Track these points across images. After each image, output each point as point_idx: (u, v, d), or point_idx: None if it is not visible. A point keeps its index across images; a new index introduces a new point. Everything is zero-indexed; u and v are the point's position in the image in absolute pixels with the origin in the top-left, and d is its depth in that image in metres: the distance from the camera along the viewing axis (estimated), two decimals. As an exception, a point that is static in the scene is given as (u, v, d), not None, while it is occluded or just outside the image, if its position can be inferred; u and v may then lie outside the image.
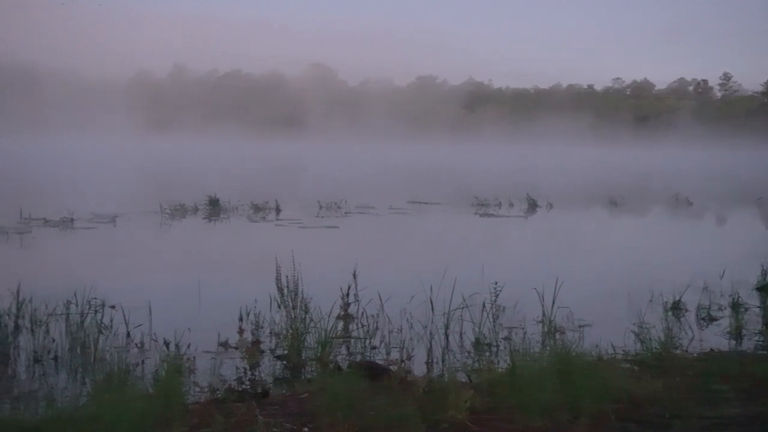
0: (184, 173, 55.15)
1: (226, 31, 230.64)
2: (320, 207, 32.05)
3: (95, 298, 12.42)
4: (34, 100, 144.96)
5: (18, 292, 12.15)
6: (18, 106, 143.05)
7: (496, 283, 12.99)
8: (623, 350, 11.19)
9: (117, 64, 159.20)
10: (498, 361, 11.04)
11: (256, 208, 31.13)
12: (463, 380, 9.39)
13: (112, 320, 11.95)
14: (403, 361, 10.80)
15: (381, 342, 12.02)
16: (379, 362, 10.53)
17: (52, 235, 23.69)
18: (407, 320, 12.70)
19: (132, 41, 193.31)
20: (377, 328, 12.50)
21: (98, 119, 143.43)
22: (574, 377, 8.27)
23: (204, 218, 29.40)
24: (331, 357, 10.95)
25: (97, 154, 79.54)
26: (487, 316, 12.60)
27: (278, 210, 30.97)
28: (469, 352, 11.73)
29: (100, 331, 11.35)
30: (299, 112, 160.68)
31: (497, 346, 11.91)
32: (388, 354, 11.44)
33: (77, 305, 12.05)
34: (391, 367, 10.00)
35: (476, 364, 10.87)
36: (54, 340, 11.46)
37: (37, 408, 8.62)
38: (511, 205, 35.62)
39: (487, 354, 11.59)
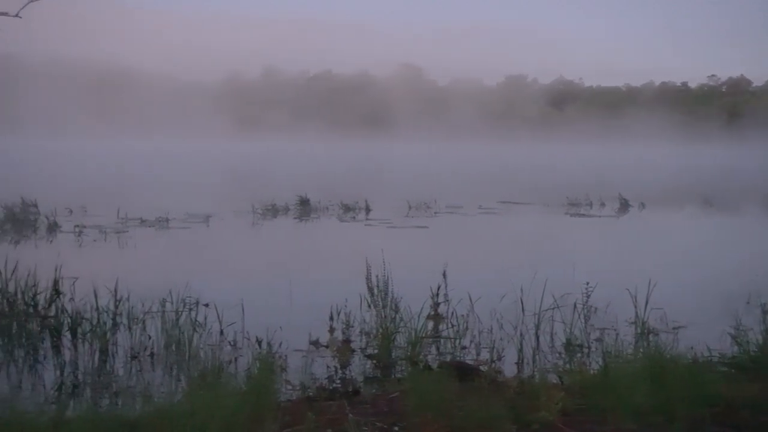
0: (275, 173, 55.77)
1: (317, 32, 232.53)
2: (409, 207, 32.09)
3: (190, 297, 12.66)
4: (132, 103, 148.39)
5: (116, 290, 12.48)
6: (116, 110, 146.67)
7: (588, 283, 12.83)
8: (719, 353, 10.94)
9: (210, 66, 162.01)
10: (590, 363, 10.91)
11: (346, 208, 31.33)
12: (554, 381, 9.32)
13: (206, 318, 12.17)
14: (493, 361, 10.77)
15: (471, 342, 12.00)
16: (469, 362, 10.51)
17: (148, 234, 24.22)
18: (497, 320, 12.64)
19: (225, 44, 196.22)
20: (467, 328, 12.45)
21: (192, 121, 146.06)
22: (668, 380, 8.13)
23: (295, 218, 29.72)
24: (421, 356, 10.98)
25: (190, 155, 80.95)
26: (579, 317, 12.47)
27: (368, 210, 31.12)
28: (560, 353, 11.64)
29: (194, 329, 11.56)
30: (388, 112, 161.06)
31: (589, 347, 11.78)
32: (478, 354, 11.42)
33: (172, 303, 12.31)
34: (481, 368, 9.98)
35: (567, 366, 10.77)
36: (150, 337, 11.74)
37: (135, 404, 8.82)
38: (603, 204, 35.15)
39: (579, 355, 11.48)
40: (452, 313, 12.91)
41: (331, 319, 12.70)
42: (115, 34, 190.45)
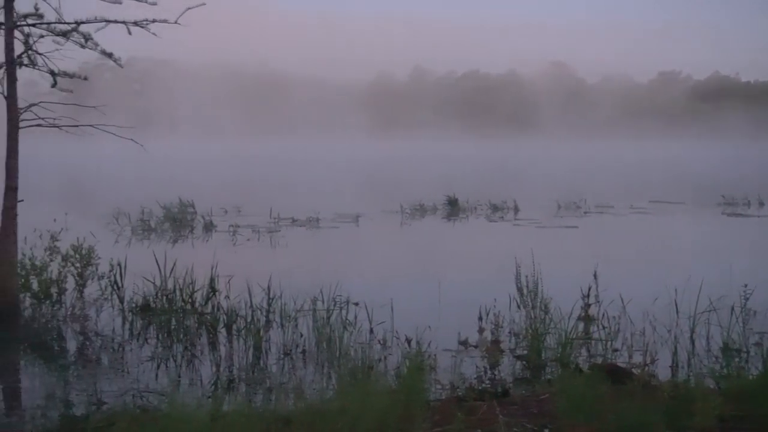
0: (423, 173, 55.97)
1: (466, 32, 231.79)
2: (559, 207, 31.68)
3: (340, 295, 12.85)
4: (283, 105, 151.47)
5: (269, 288, 12.80)
6: (268, 112, 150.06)
7: (746, 285, 12.37)
8: None
9: (359, 68, 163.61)
10: (749, 368, 10.51)
11: (495, 208, 31.17)
12: (711, 386, 9.02)
13: (356, 317, 12.32)
14: (646, 364, 10.52)
15: (623, 344, 11.74)
16: (621, 365, 10.28)
17: (299, 234, 24.70)
18: (650, 323, 12.32)
19: (373, 46, 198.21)
20: (619, 330, 12.21)
21: (341, 122, 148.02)
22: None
23: (443, 218, 29.77)
24: (571, 358, 10.81)
25: (340, 155, 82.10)
26: (737, 320, 12.03)
27: (516, 210, 30.88)
28: (716, 357, 11.23)
29: (345, 327, 11.72)
30: (536, 111, 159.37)
31: (747, 351, 11.35)
32: (630, 357, 11.16)
33: (323, 302, 12.53)
34: (633, 371, 9.76)
35: (725, 370, 10.39)
36: (302, 335, 11.97)
37: (288, 400, 8.99)
38: (761, 204, 33.83)
39: (737, 360, 11.05)
40: (603, 315, 12.66)
41: (480, 319, 12.67)
42: (267, 38, 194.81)
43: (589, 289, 13.16)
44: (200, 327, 12.61)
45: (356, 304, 12.93)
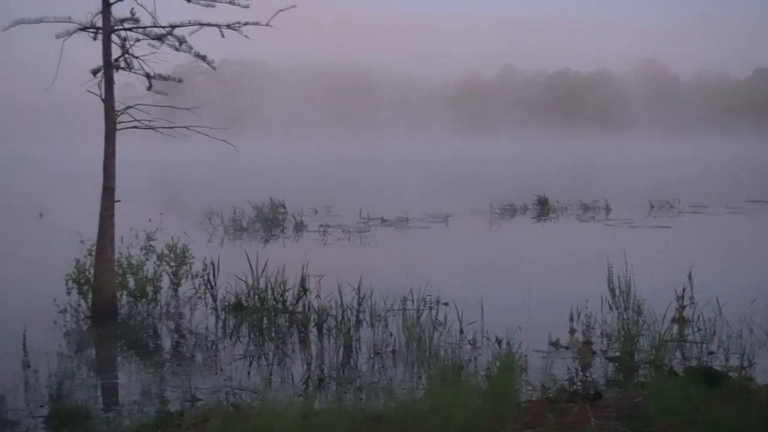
0: (513, 173, 55.65)
1: (556, 30, 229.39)
2: (651, 206, 31.13)
3: (430, 295, 12.86)
4: (372, 105, 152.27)
5: (359, 287, 12.87)
6: (357, 113, 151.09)
7: None
8: None
9: (449, 67, 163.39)
10: None
11: (585, 208, 30.80)
12: (812, 391, 8.77)
13: (446, 317, 12.30)
14: (743, 368, 10.27)
15: (719, 347, 11.47)
16: (718, 368, 10.06)
17: (388, 233, 24.78)
18: (747, 325, 12.02)
19: (464, 45, 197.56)
20: (715, 333, 11.94)
21: (430, 122, 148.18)
22: None
23: (533, 218, 29.54)
24: (665, 361, 10.61)
25: (428, 155, 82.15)
26: (840, 324, 11.67)
27: (608, 209, 30.45)
28: (819, 361, 10.91)
29: (434, 327, 11.71)
30: (628, 109, 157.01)
31: None
32: (726, 360, 10.90)
33: (413, 301, 12.55)
34: (730, 374, 9.55)
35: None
36: (392, 335, 12.01)
37: (378, 399, 9.03)
38: None
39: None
40: (698, 317, 12.42)
41: (572, 320, 12.54)
42: (358, 39, 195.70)
43: (684, 291, 12.92)
44: (291, 326, 12.76)
45: (446, 304, 12.91)
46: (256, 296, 13.69)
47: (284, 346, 12.10)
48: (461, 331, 12.16)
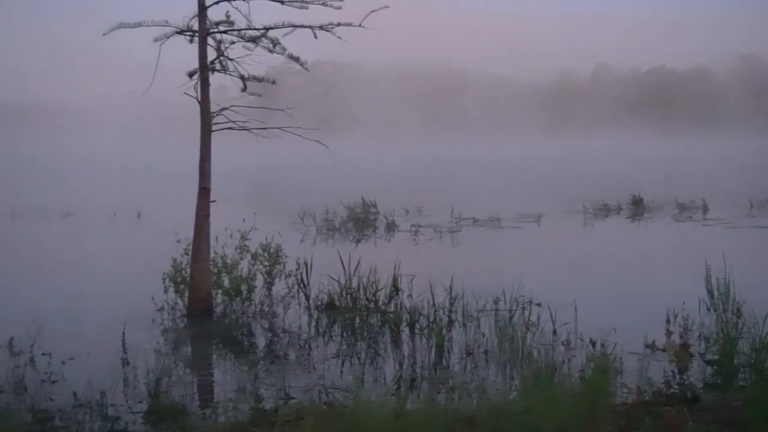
0: (605, 172, 54.85)
1: (652, 27, 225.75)
2: (751, 206, 30.30)
3: (522, 295, 12.75)
4: (464, 105, 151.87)
5: (451, 287, 12.84)
6: (448, 112, 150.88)
7: None
8: None
9: (541, 66, 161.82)
10: None
11: (682, 207, 30.17)
12: None
13: (539, 317, 12.20)
14: None
15: (823, 351, 11.11)
16: (822, 373, 9.75)
17: (480, 234, 24.68)
18: None
19: (556, 44, 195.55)
20: (818, 336, 11.57)
21: (521, 121, 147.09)
22: None
23: (627, 218, 29.08)
24: (766, 364, 10.32)
25: (520, 154, 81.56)
26: None
27: (705, 209, 29.79)
28: None
29: (527, 328, 11.62)
30: (726, 107, 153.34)
31: None
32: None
33: (505, 302, 12.47)
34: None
35: None
36: (484, 335, 11.95)
37: (471, 399, 8.99)
38: None
39: None
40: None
41: (668, 321, 12.30)
42: (450, 38, 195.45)
43: (786, 292, 12.57)
44: (383, 325, 12.80)
45: (539, 304, 12.79)
46: (349, 296, 13.78)
47: (376, 345, 12.14)
48: (554, 332, 12.04)
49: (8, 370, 10.66)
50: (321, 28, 13.69)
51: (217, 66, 13.86)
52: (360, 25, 13.68)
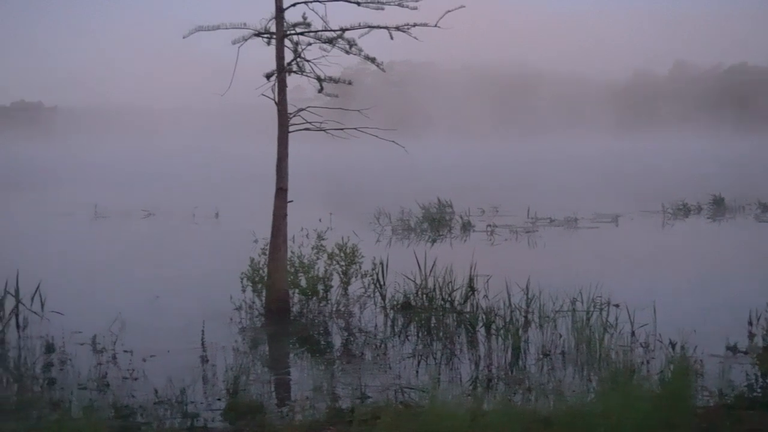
0: (683, 172, 53.98)
1: (733, 24, 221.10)
2: (839, 206, 29.52)
3: (600, 296, 12.63)
4: (539, 104, 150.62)
5: (527, 288, 12.77)
6: (524, 112, 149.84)
7: None
8: None
9: (615, 64, 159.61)
10: None
11: (765, 208, 29.50)
12: None
13: (617, 319, 12.07)
14: None
15: None
16: None
17: (556, 234, 24.47)
18: None
19: (633, 42, 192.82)
20: None
21: (597, 120, 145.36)
22: None
23: (708, 218, 28.56)
24: None
25: (595, 153, 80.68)
26: None
27: (789, 209, 29.13)
28: None
29: (605, 329, 11.50)
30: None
31: None
32: None
33: (582, 303, 12.36)
34: None
35: None
36: (561, 336, 11.86)
37: (547, 400, 8.93)
38: None
39: None
40: None
41: (750, 323, 12.06)
42: (526, 37, 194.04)
43: None
44: (459, 325, 12.78)
45: (617, 305, 12.66)
46: (424, 296, 13.80)
47: (452, 345, 12.13)
48: (633, 334, 11.90)
49: (92, 366, 10.90)
50: (397, 28, 13.71)
51: (294, 67, 13.98)
52: (436, 26, 13.66)
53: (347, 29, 13.66)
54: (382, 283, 14.77)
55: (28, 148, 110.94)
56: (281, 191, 13.81)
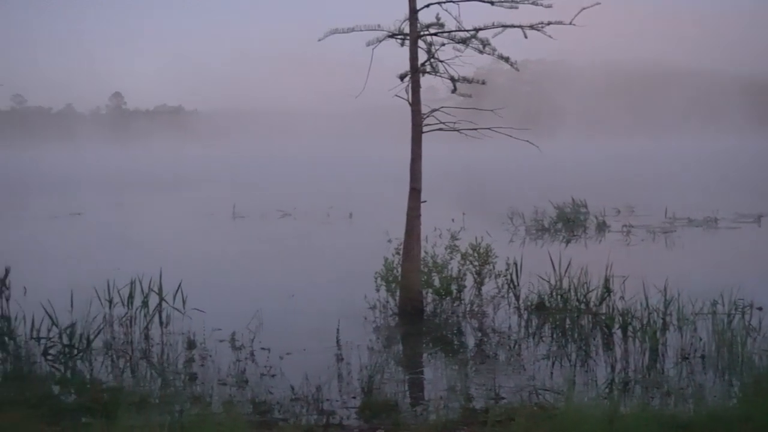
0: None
1: None
2: None
3: (742, 299, 12.24)
4: (674, 102, 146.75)
5: (665, 289, 12.47)
6: (658, 109, 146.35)
7: None
8: None
9: (755, 60, 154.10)
10: None
11: None
12: None
13: (760, 322, 11.70)
14: None
15: None
16: None
17: (695, 234, 23.84)
18: None
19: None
20: None
21: (733, 117, 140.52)
22: None
23: None
24: None
25: (735, 151, 78.18)
26: None
27: None
28: None
29: (747, 333, 11.15)
30: None
31: None
32: None
33: (723, 305, 12.01)
34: None
35: None
36: (701, 339, 11.55)
37: (687, 405, 8.72)
38: None
39: None
40: None
41: None
42: (659, 33, 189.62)
43: None
44: (595, 327, 12.59)
45: (760, 308, 12.27)
46: (559, 296, 13.65)
47: (587, 347, 11.95)
48: (778, 337, 11.49)
49: (231, 363, 11.20)
50: (531, 27, 13.59)
51: (428, 68, 14.02)
52: (571, 23, 13.49)
53: (481, 29, 13.62)
54: (515, 283, 14.70)
55: (171, 150, 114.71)
56: (415, 191, 13.89)
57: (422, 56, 13.99)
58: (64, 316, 12.29)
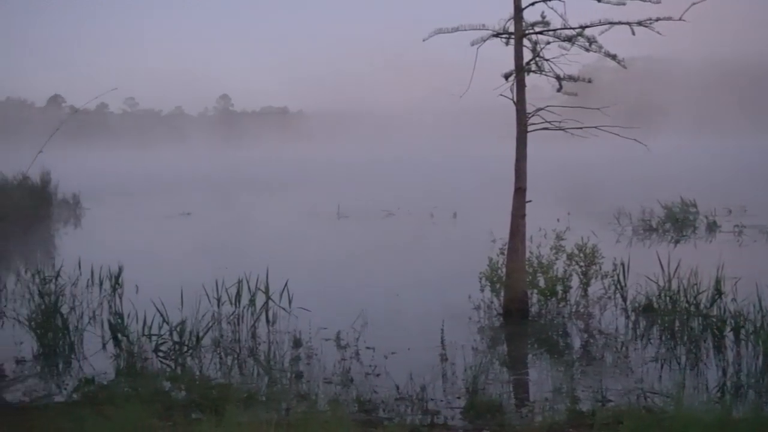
0: None
1: None
2: None
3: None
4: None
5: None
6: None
7: None
8: None
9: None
10: None
11: None
12: None
13: None
14: None
15: None
16: None
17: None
18: None
19: None
20: None
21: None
22: None
23: None
24: None
25: None
26: None
27: None
28: None
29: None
30: None
31: None
32: None
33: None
34: None
35: None
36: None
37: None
38: None
39: None
40: None
41: None
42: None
43: None
44: (705, 330, 12.27)
45: None
46: (668, 298, 13.36)
47: (697, 350, 11.68)
48: None
49: (336, 361, 11.30)
50: (639, 23, 13.34)
51: (533, 67, 13.90)
52: (680, 19, 13.20)
53: (588, 26, 13.44)
54: (623, 284, 14.48)
55: (277, 151, 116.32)
56: (520, 191, 13.79)
57: (527, 55, 13.88)
58: (174, 313, 12.60)
